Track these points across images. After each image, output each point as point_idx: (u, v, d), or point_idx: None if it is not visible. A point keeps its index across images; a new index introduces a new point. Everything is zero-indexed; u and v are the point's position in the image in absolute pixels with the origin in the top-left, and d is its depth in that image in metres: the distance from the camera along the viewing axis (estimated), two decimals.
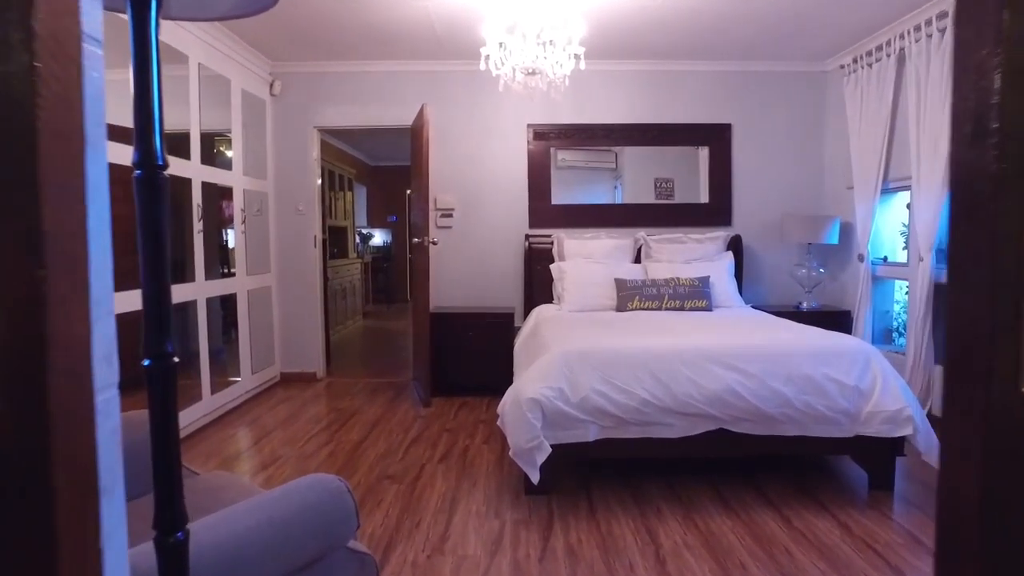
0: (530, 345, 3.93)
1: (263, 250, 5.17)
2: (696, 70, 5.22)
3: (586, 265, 4.83)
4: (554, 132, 5.27)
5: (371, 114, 5.23)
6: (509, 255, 5.30)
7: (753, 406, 2.85)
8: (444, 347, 4.81)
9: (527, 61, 3.38)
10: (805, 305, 4.98)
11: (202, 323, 4.08)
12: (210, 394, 4.17)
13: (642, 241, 5.09)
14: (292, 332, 5.37)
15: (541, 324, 4.13)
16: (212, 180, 4.28)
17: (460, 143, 5.26)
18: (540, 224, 5.28)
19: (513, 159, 5.28)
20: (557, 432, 2.86)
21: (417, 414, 4.38)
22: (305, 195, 5.30)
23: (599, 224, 5.27)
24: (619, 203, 5.44)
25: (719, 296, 4.65)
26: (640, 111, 5.26)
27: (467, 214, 5.30)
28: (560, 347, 3.05)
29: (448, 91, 5.22)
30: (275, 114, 5.25)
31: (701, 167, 5.52)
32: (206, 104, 4.43)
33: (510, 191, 5.29)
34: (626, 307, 4.49)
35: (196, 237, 4.03)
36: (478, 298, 5.29)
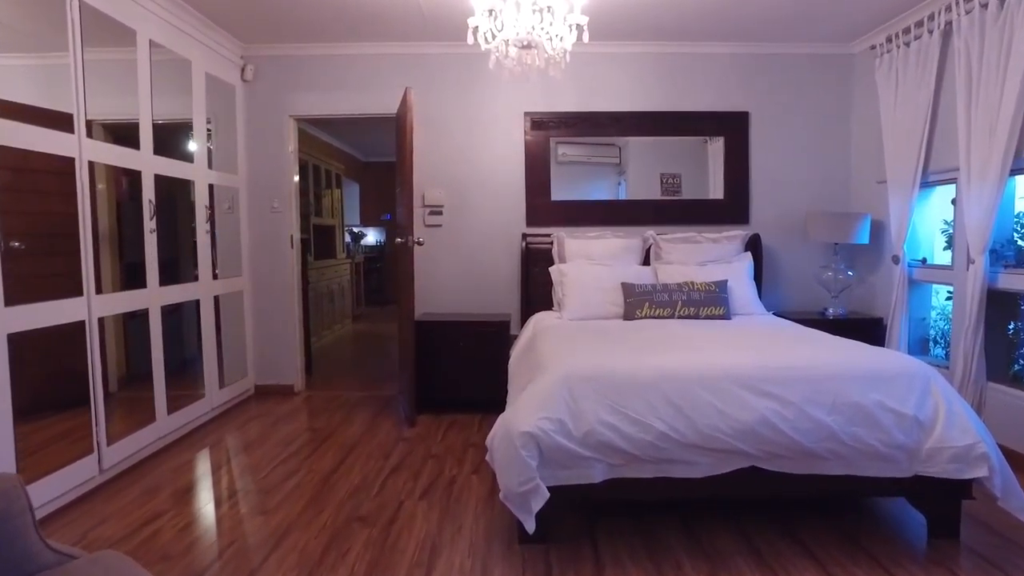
0: (526, 360, 3.46)
1: (234, 252, 4.70)
2: (710, 52, 4.74)
3: (589, 267, 4.35)
4: (554, 121, 4.79)
5: (353, 102, 4.75)
6: (504, 256, 4.82)
7: (791, 440, 2.37)
8: (431, 358, 4.34)
9: (521, 32, 2.90)
10: (831, 311, 4.50)
11: (155, 335, 3.62)
12: (166, 414, 3.70)
13: (651, 241, 4.62)
14: (267, 341, 4.90)
15: (539, 335, 3.66)
16: (168, 173, 3.81)
17: (450, 133, 4.79)
18: (539, 222, 4.81)
19: (509, 151, 4.80)
20: (557, 472, 2.39)
21: (400, 435, 3.91)
22: (281, 191, 4.83)
23: (604, 223, 4.80)
24: (625, 199, 4.96)
25: (737, 302, 4.18)
26: (649, 98, 4.78)
27: (458, 211, 4.83)
28: (560, 368, 2.57)
29: (436, 76, 4.74)
30: (247, 102, 4.77)
31: (710, 161, 5.05)
32: (165, 89, 3.96)
33: (506, 186, 4.81)
34: (634, 315, 4.02)
35: (148, 237, 3.56)
36: (470, 304, 4.82)
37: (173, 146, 4.08)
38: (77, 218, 3.61)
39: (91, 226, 3.09)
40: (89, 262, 3.07)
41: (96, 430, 3.11)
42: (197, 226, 4.08)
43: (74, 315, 2.99)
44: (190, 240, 4.46)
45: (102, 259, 3.75)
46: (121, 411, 3.77)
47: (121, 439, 3.30)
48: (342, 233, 8.89)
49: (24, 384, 3.21)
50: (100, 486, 3.13)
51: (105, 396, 3.90)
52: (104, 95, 3.71)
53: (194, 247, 4.58)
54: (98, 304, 3.13)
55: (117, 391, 4.54)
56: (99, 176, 3.69)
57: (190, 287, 4.03)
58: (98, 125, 3.74)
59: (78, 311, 3.01)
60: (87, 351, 3.07)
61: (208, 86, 4.22)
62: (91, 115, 3.53)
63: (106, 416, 3.30)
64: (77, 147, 3.01)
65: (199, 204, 4.10)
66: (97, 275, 3.64)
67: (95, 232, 3.68)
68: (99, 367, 3.13)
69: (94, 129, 3.61)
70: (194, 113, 4.07)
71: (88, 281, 3.06)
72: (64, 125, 3.09)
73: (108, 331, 3.54)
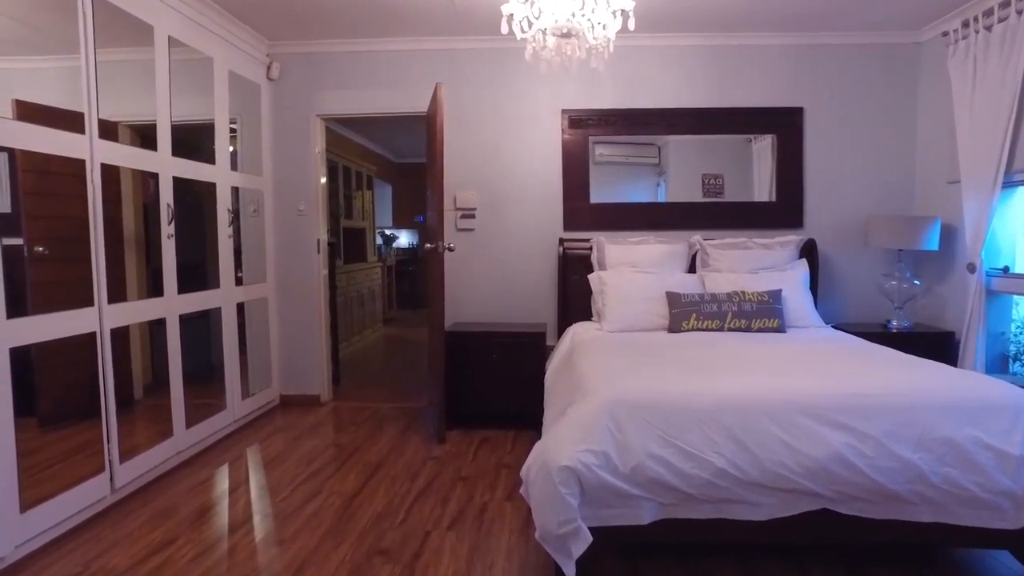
0: (564, 377, 3.19)
1: (259, 256, 4.53)
2: (761, 44, 4.40)
3: (632, 275, 4.06)
4: (593, 118, 4.51)
5: (381, 100, 4.54)
6: (540, 263, 4.56)
7: (870, 480, 2.06)
8: (462, 370, 4.09)
9: (560, 20, 2.64)
10: (895, 324, 4.13)
11: (173, 346, 3.44)
12: (184, 428, 3.52)
13: (698, 247, 4.30)
14: (293, 350, 4.72)
15: (578, 349, 3.39)
16: (188, 176, 3.64)
17: (483, 132, 4.54)
18: (577, 226, 4.53)
19: (545, 150, 4.54)
20: (600, 511, 2.12)
21: (428, 453, 3.67)
22: (307, 193, 4.64)
23: (646, 227, 4.50)
24: (670, 202, 4.64)
25: (793, 313, 3.85)
26: (695, 94, 4.47)
27: (491, 214, 4.58)
28: (603, 393, 2.30)
29: (469, 71, 4.50)
30: (273, 101, 4.60)
31: (755, 161, 4.72)
32: (189, 89, 3.80)
33: (542, 188, 4.55)
34: (680, 327, 3.72)
35: (166, 243, 3.39)
36: (503, 313, 4.57)
37: (198, 148, 3.92)
38: (114, 222, 3.51)
39: (103, 231, 2.91)
40: (101, 270, 2.90)
41: (108, 448, 2.94)
42: (219, 230, 3.90)
43: (84, 327, 2.82)
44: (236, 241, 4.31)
45: (127, 264, 3.61)
46: (143, 420, 3.62)
47: (135, 456, 3.13)
48: (373, 235, 8.73)
49: (49, 391, 3.07)
50: (112, 506, 2.96)
51: (128, 403, 3.79)
52: (131, 96, 3.59)
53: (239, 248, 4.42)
54: (111, 314, 2.95)
55: (142, 397, 4.42)
56: (124, 179, 3.57)
57: (211, 294, 3.86)
58: (124, 127, 3.62)
59: (88, 323, 2.83)
60: (98, 364, 2.90)
61: (232, 85, 4.05)
62: (117, 116, 3.41)
63: (125, 425, 3.17)
64: (88, 148, 2.83)
65: (221, 207, 3.92)
66: (120, 281, 3.51)
67: (120, 237, 3.55)
68: (111, 381, 2.95)
69: (120, 131, 3.48)
70: (216, 113, 3.89)
71: (100, 290, 2.89)
72: (102, 132, 2.96)
73: (133, 335, 3.41)
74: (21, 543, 2.46)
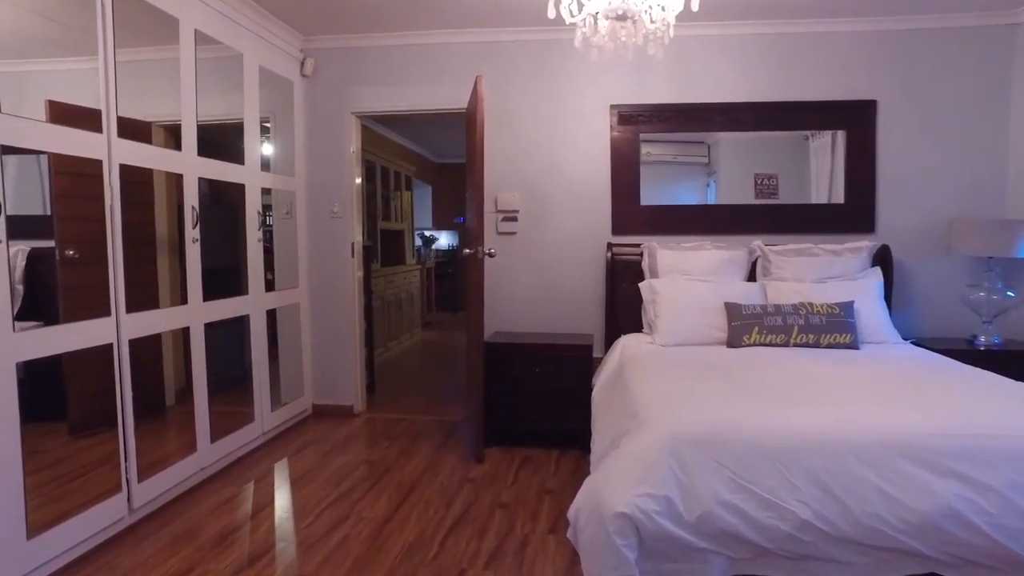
0: (615, 396, 2.90)
1: (291, 261, 4.34)
2: (831, 31, 4.02)
3: (686, 284, 3.74)
4: (644, 114, 4.19)
5: (419, 96, 4.30)
6: (587, 269, 4.26)
7: (992, 542, 1.72)
8: (502, 384, 3.83)
9: (615, 1, 2.35)
10: (983, 340, 3.71)
11: (197, 357, 3.26)
12: (208, 443, 3.34)
13: (758, 253, 3.95)
14: (325, 358, 4.52)
15: (629, 365, 3.09)
16: (214, 176, 3.46)
17: (526, 130, 4.27)
18: (626, 230, 4.22)
19: (592, 149, 4.24)
20: (661, 566, 1.83)
21: (465, 474, 3.42)
22: (342, 194, 4.43)
23: (701, 231, 4.16)
24: (727, 204, 4.29)
25: (866, 328, 3.48)
26: (755, 87, 4.11)
27: (534, 217, 4.30)
28: (663, 424, 2.00)
29: (511, 65, 4.23)
30: (307, 99, 4.41)
31: (812, 160, 4.34)
32: (223, 87, 3.64)
33: (588, 189, 4.25)
34: (741, 341, 3.39)
35: (190, 247, 3.21)
36: (546, 323, 4.28)
37: (230, 148, 3.76)
38: (145, 225, 3.36)
39: (120, 236, 2.73)
40: (119, 278, 2.72)
41: (125, 467, 2.75)
42: (248, 234, 3.72)
43: (98, 339, 2.64)
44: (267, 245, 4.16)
45: (160, 268, 3.46)
46: (171, 429, 3.46)
47: (156, 473, 2.95)
48: (412, 237, 8.54)
49: (80, 396, 2.93)
50: (129, 528, 2.78)
51: (158, 410, 3.64)
52: (166, 96, 3.48)
53: (271, 252, 4.27)
54: (129, 325, 2.77)
55: (174, 404, 4.30)
56: (159, 180, 3.44)
57: (238, 301, 3.67)
58: (158, 127, 3.50)
59: (104, 334, 2.65)
60: (115, 378, 2.72)
61: (263, 81, 3.87)
62: (151, 117, 3.27)
63: (150, 436, 3.02)
64: (105, 148, 2.65)
65: (250, 209, 3.74)
66: (151, 285, 3.36)
67: (151, 240, 3.40)
68: (129, 397, 2.77)
69: (153, 131, 3.35)
70: (245, 111, 3.71)
71: (117, 299, 2.71)
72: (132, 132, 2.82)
73: (165, 337, 3.26)
74: (28, 572, 2.29)
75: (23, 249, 3.09)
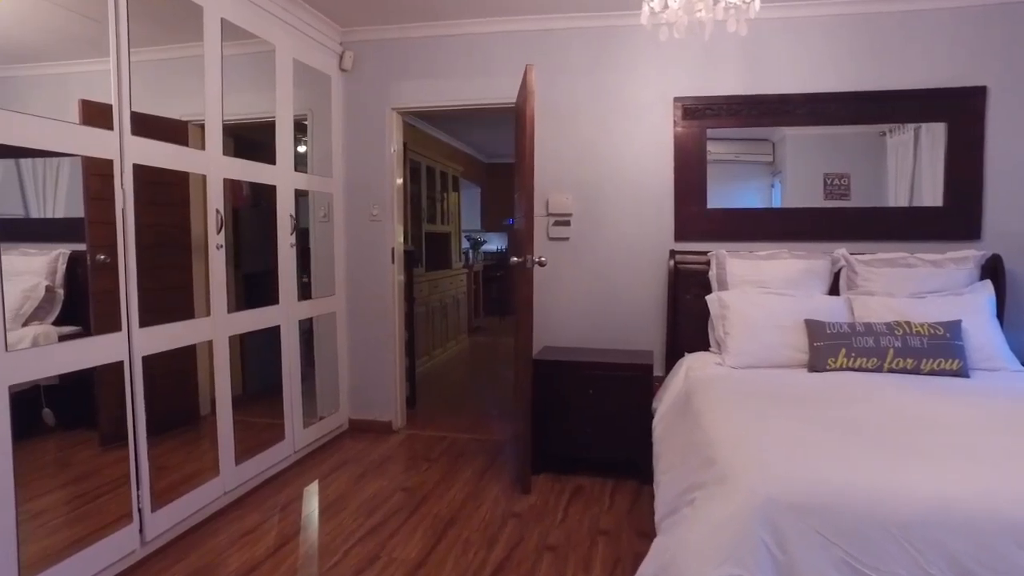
0: (682, 430, 2.52)
1: (328, 267, 4.08)
2: (930, 8, 3.52)
3: (761, 297, 3.31)
4: (712, 107, 3.77)
5: (465, 90, 3.98)
6: (646, 279, 3.86)
7: None
8: (552, 405, 3.47)
9: None
10: None
11: (221, 375, 3.01)
12: (233, 466, 3.09)
13: (843, 262, 3.49)
14: (363, 370, 4.25)
15: (697, 392, 2.70)
16: (241, 177, 3.21)
17: (581, 126, 3.90)
18: (690, 236, 3.80)
19: (653, 146, 3.84)
20: None
21: (510, 508, 3.07)
22: (382, 196, 4.15)
23: (776, 237, 3.71)
24: (808, 207, 3.81)
25: (977, 352, 2.99)
26: (840, 76, 3.64)
27: (589, 221, 3.93)
28: (751, 483, 1.62)
29: (565, 56, 3.87)
30: (346, 94, 4.14)
31: (890, 158, 3.83)
32: (256, 83, 3.42)
33: (648, 190, 3.86)
34: (825, 365, 2.96)
35: (214, 254, 2.96)
36: (601, 337, 3.90)
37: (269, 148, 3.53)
38: (180, 228, 3.16)
39: (134, 243, 2.49)
40: (131, 290, 2.48)
41: (137, 495, 2.51)
42: (279, 238, 3.46)
43: (108, 356, 2.40)
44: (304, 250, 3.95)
45: (196, 274, 3.25)
46: (201, 443, 3.24)
47: (174, 500, 2.70)
48: (459, 240, 8.26)
49: (110, 406, 2.73)
50: (140, 562, 2.53)
51: (191, 420, 3.45)
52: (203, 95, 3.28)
53: (303, 258, 4.04)
54: (143, 340, 2.52)
55: (208, 413, 4.13)
56: (196, 181, 3.25)
57: (267, 312, 3.42)
58: (195, 126, 3.30)
59: (113, 351, 2.41)
60: (127, 397, 2.48)
61: (300, 76, 3.61)
62: (187, 116, 3.09)
63: (174, 452, 2.90)
64: (117, 146, 2.41)
65: (281, 212, 3.48)
66: (185, 292, 3.17)
67: (187, 244, 3.20)
68: (142, 421, 2.53)
69: (190, 131, 3.15)
70: (278, 106, 3.45)
71: (130, 313, 2.47)
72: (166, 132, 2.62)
73: (201, 345, 3.04)
74: None
75: (64, 252, 2.92)
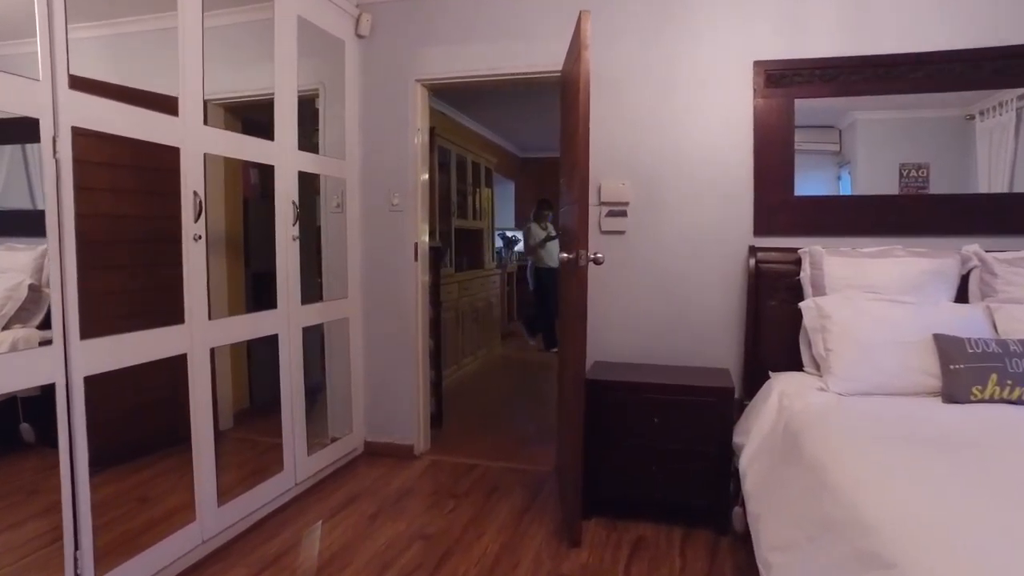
0: (796, 485, 1.87)
1: (339, 265, 3.51)
2: None
3: (872, 305, 2.62)
4: (803, 72, 3.09)
5: (500, 57, 3.37)
6: (718, 280, 3.20)
7: None
8: (605, 433, 2.83)
9: None
10: None
11: (199, 394, 2.43)
12: (215, 507, 2.51)
13: (974, 262, 2.79)
14: (381, 385, 3.66)
15: (807, 432, 2.04)
16: (228, 154, 2.64)
17: (638, 100, 3.26)
18: (774, 229, 3.13)
19: (726, 122, 3.18)
20: None
21: (556, 567, 2.44)
22: (403, 182, 3.56)
23: (884, 231, 3.02)
24: (934, 193, 3.09)
25: None
26: (970, 29, 2.94)
27: (648, 212, 3.28)
28: None
29: (619, 15, 3.23)
30: (363, 64, 3.56)
31: (982, 145, 3.11)
32: (260, 56, 2.89)
33: (720, 174, 3.20)
34: (968, 395, 2.27)
35: (191, 247, 2.39)
36: (662, 351, 3.25)
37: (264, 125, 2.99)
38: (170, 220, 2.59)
39: (71, 234, 1.92)
40: (70, 293, 1.91)
41: (76, 557, 1.94)
42: (278, 231, 2.89)
43: (38, 376, 1.83)
44: (312, 246, 3.43)
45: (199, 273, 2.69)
46: (191, 471, 2.67)
47: (132, 557, 2.13)
48: (492, 238, 7.65)
49: (95, 425, 2.19)
50: None
51: (185, 441, 2.86)
52: (220, 70, 2.84)
53: (318, 255, 3.51)
54: (84, 357, 1.95)
55: (231, 427, 3.69)
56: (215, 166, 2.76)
57: (263, 318, 2.84)
58: (216, 107, 2.84)
59: (42, 370, 1.85)
60: (67, 432, 1.91)
61: (306, 43, 3.04)
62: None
63: (171, 477, 2.44)
64: (48, 101, 1.84)
65: (281, 199, 2.91)
66: (177, 293, 2.62)
67: (177, 237, 2.64)
68: (84, 462, 1.95)
69: (211, 111, 2.66)
70: (276, 71, 2.87)
71: (67, 321, 1.90)
72: None
73: (220, 350, 2.54)
74: None
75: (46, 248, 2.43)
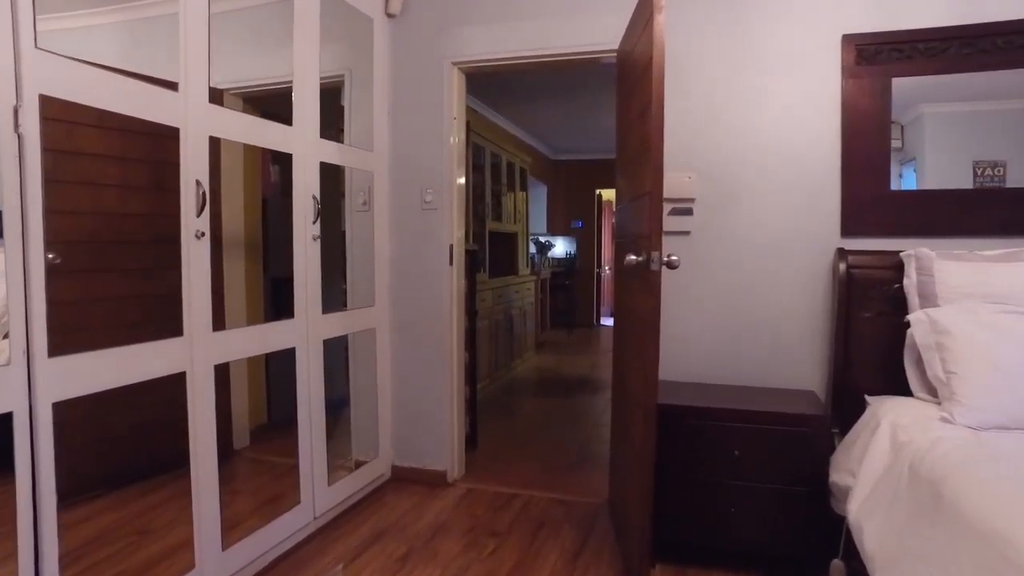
0: (956, 560, 1.43)
1: (366, 269, 3.15)
2: None
3: (1005, 319, 2.17)
4: (901, 46, 2.65)
5: (547, 35, 2.99)
6: (796, 288, 2.77)
7: None
8: (671, 467, 2.42)
9: None
10: None
11: (202, 416, 2.07)
12: (219, 551, 2.14)
13: None
14: (410, 403, 3.29)
15: (953, 480, 1.61)
16: (238, 138, 2.29)
17: (704, 83, 2.85)
18: (866, 230, 2.69)
19: (808, 106, 2.76)
20: None
21: None
22: (437, 177, 3.19)
23: (1004, 231, 2.57)
24: None
25: None
26: None
27: (716, 210, 2.87)
28: None
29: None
30: (393, 45, 3.21)
31: None
32: (276, 41, 2.60)
33: (801, 166, 2.77)
34: None
35: (193, 246, 2.03)
36: (732, 370, 2.82)
37: None
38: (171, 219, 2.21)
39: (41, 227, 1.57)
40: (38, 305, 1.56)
41: None
42: (295, 230, 2.53)
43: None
44: (336, 248, 3.12)
45: None
46: (184, 505, 2.32)
47: None
48: (526, 242, 7.27)
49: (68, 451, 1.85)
50: None
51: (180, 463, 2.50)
52: (241, 59, 2.79)
53: (342, 258, 3.19)
54: (51, 378, 1.60)
55: (248, 446, 3.43)
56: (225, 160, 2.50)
57: (278, 330, 2.47)
58: (234, 96, 2.74)
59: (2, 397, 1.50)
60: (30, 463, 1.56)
61: (330, 21, 2.70)
62: (224, 84, 2.48)
63: (168, 505, 2.22)
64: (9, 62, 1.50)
65: (299, 194, 2.55)
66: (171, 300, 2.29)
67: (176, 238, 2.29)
68: (51, 499, 1.60)
69: (226, 101, 2.42)
70: (295, 51, 2.52)
71: (32, 337, 1.55)
72: None
73: (235, 364, 2.24)
74: None
75: None
